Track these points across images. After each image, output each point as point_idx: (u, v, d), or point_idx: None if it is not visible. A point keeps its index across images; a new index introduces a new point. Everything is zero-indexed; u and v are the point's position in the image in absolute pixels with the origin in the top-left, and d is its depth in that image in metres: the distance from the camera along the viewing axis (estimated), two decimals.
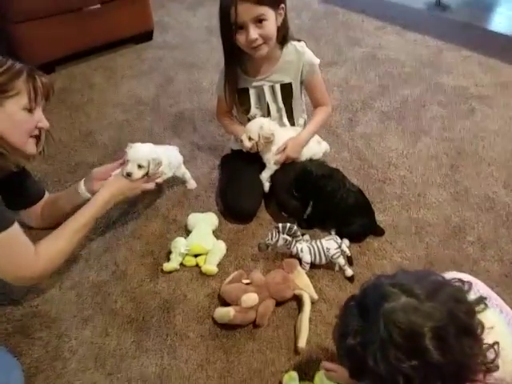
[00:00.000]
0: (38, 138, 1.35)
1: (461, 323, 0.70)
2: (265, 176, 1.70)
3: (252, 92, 1.66)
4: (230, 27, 1.48)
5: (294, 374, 1.19)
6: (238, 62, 1.61)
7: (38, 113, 1.30)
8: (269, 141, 1.62)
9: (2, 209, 1.19)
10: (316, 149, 1.74)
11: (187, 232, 1.60)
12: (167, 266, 1.49)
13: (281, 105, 1.68)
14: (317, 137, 1.78)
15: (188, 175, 1.79)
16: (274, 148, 1.66)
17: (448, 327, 0.68)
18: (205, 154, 1.99)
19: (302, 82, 1.68)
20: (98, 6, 2.50)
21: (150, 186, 1.54)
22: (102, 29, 2.58)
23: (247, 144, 1.62)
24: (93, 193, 1.46)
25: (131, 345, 1.32)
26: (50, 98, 1.33)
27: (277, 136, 1.64)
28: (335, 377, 1.05)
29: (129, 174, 1.47)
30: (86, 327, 1.37)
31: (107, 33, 2.62)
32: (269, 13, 1.47)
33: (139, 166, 1.48)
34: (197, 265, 1.51)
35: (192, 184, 1.80)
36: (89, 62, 2.65)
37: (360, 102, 2.27)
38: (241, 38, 1.50)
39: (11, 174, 1.34)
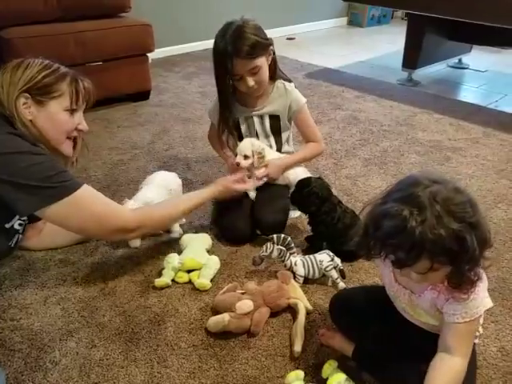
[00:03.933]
0: (75, 141, 1.41)
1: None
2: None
3: (242, 121, 1.77)
4: (225, 75, 1.63)
5: (301, 374, 1.13)
6: (231, 100, 1.72)
7: (79, 116, 1.38)
8: (261, 156, 1.69)
9: (70, 173, 1.25)
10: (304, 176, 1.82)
11: (180, 253, 1.59)
12: (159, 282, 1.46)
13: (269, 132, 1.79)
14: (305, 169, 1.87)
15: None
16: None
17: (474, 201, 0.89)
18: (198, 188, 2.03)
19: (289, 119, 1.80)
20: (100, 63, 2.71)
21: (246, 186, 1.67)
22: (101, 84, 2.68)
23: (244, 163, 1.67)
24: None
25: (119, 355, 1.25)
26: (90, 103, 1.41)
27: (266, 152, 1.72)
28: (332, 343, 1.23)
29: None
30: (70, 339, 1.30)
31: (106, 88, 2.77)
32: (261, 61, 1.62)
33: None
34: (189, 281, 1.49)
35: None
36: (86, 113, 2.75)
37: (344, 151, 2.42)
38: (239, 85, 1.67)
39: None
